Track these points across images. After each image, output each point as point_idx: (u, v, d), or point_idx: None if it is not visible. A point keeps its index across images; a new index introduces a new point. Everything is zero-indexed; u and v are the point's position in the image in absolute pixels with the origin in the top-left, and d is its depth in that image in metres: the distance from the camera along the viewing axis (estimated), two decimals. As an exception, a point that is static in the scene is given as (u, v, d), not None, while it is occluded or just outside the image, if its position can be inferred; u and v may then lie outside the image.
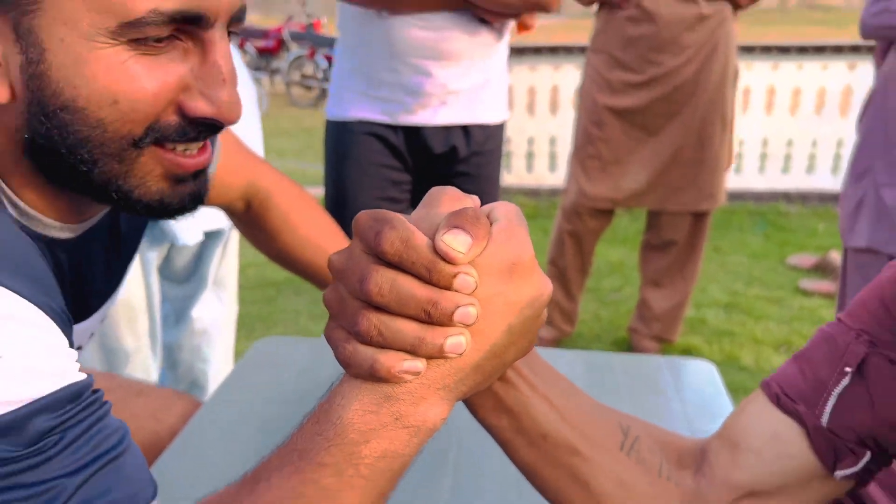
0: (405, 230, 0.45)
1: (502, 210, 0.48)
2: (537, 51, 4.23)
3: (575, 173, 2.31)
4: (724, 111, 2.19)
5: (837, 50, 4.09)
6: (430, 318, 0.44)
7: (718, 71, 2.13)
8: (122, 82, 0.52)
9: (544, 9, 1.45)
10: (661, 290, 2.38)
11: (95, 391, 0.49)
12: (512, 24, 1.56)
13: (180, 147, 0.57)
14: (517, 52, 4.14)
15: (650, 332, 2.42)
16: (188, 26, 0.53)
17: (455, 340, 0.45)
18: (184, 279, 1.67)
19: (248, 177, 0.95)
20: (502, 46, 1.56)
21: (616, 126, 2.20)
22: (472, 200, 0.49)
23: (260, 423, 0.97)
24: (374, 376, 0.45)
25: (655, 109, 2.15)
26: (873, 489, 0.83)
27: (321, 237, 1.02)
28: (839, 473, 0.63)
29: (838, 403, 0.62)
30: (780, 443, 0.65)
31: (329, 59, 9.13)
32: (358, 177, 1.55)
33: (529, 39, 1.91)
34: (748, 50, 4.02)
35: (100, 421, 0.48)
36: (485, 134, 1.56)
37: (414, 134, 1.52)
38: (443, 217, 0.46)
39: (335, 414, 0.46)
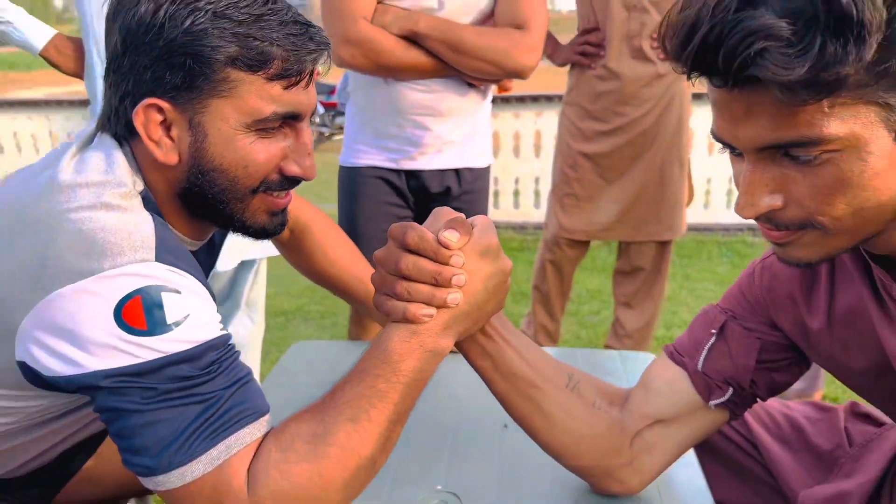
0: (421, 230, 0.74)
1: (479, 220, 0.77)
2: (521, 99, 4.56)
3: (554, 209, 2.59)
4: (681, 154, 2.49)
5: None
6: (437, 282, 0.73)
7: (674, 120, 2.44)
8: (250, 154, 0.80)
9: (518, 77, 1.75)
10: (632, 311, 2.65)
11: (231, 343, 0.79)
12: (494, 87, 1.89)
13: (276, 193, 0.87)
14: (503, 100, 4.45)
15: (623, 348, 2.70)
16: (290, 120, 0.82)
17: (453, 296, 0.74)
18: (220, 301, 1.94)
19: (293, 210, 1.25)
20: (486, 103, 1.80)
21: (588, 168, 2.47)
22: (461, 215, 0.78)
23: (301, 408, 1.23)
24: (405, 319, 0.74)
25: (622, 154, 2.42)
26: (761, 433, 1.12)
27: (347, 262, 1.30)
28: (712, 403, 0.91)
29: (708, 354, 0.92)
30: (673, 384, 0.93)
31: (325, 105, 9.45)
32: (368, 213, 1.77)
33: (515, 87, 2.20)
34: (713, 96, 4.36)
35: (237, 359, 0.78)
36: (473, 176, 1.78)
37: (414, 177, 1.74)
38: (442, 223, 0.76)
39: (383, 344, 0.74)
